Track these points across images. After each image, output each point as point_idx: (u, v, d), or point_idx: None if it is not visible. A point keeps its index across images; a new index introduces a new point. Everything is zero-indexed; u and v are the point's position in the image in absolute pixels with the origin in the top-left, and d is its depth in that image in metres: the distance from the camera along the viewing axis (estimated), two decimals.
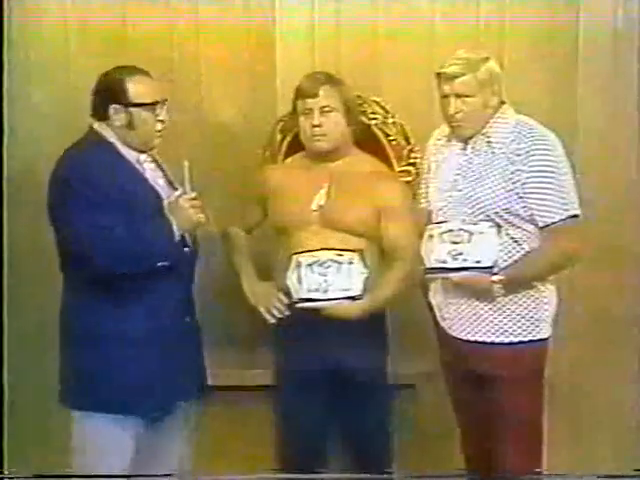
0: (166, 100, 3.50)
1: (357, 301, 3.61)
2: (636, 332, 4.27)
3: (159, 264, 3.39)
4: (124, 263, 3.35)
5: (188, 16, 4.18)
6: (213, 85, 4.23)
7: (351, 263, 3.60)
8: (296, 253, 3.64)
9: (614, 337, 4.25)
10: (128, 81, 3.43)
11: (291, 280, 3.64)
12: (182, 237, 3.46)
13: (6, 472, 4.07)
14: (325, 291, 3.60)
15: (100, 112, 3.46)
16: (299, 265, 3.62)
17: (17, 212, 4.03)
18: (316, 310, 3.61)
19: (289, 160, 3.99)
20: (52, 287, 3.62)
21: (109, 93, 3.44)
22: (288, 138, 4.10)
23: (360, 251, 3.63)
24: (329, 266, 3.60)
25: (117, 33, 4.15)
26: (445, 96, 3.54)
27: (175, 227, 3.42)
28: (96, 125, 3.48)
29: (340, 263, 3.60)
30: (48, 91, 4.13)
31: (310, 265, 3.61)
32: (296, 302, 3.63)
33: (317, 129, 3.68)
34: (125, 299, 3.40)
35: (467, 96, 3.51)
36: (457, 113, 3.53)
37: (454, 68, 3.51)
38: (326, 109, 3.68)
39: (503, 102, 3.59)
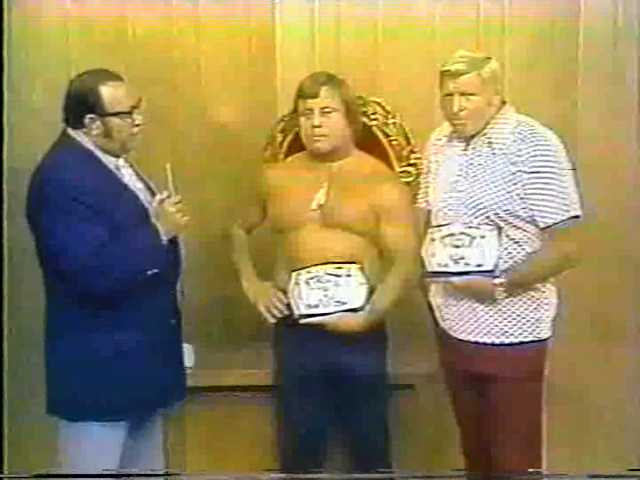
0: (141, 101, 3.42)
1: (359, 313, 3.61)
2: (636, 332, 4.28)
3: (149, 272, 3.33)
4: (118, 279, 3.30)
5: (188, 16, 4.18)
6: (213, 85, 4.22)
7: (349, 276, 3.61)
8: (295, 270, 3.64)
9: (614, 337, 4.26)
10: (102, 90, 3.33)
11: (292, 296, 3.64)
12: (169, 241, 3.40)
13: (6, 472, 4.07)
14: (326, 305, 3.60)
15: (75, 121, 3.37)
16: (298, 282, 3.62)
17: (17, 212, 4.01)
18: (319, 324, 3.61)
19: (289, 159, 3.99)
20: None
21: (84, 103, 3.34)
22: (289, 138, 4.10)
23: (359, 262, 3.63)
24: (328, 280, 3.60)
25: (117, 33, 4.15)
26: (449, 94, 3.52)
27: (162, 232, 3.36)
28: (71, 132, 3.39)
29: (339, 276, 3.60)
30: (48, 91, 4.12)
31: (309, 281, 3.61)
32: (298, 318, 3.63)
33: (317, 129, 3.67)
34: (114, 308, 3.32)
35: (471, 94, 3.50)
36: (461, 111, 3.52)
37: (458, 66, 3.50)
38: (326, 110, 3.67)
39: (504, 102, 3.59)
